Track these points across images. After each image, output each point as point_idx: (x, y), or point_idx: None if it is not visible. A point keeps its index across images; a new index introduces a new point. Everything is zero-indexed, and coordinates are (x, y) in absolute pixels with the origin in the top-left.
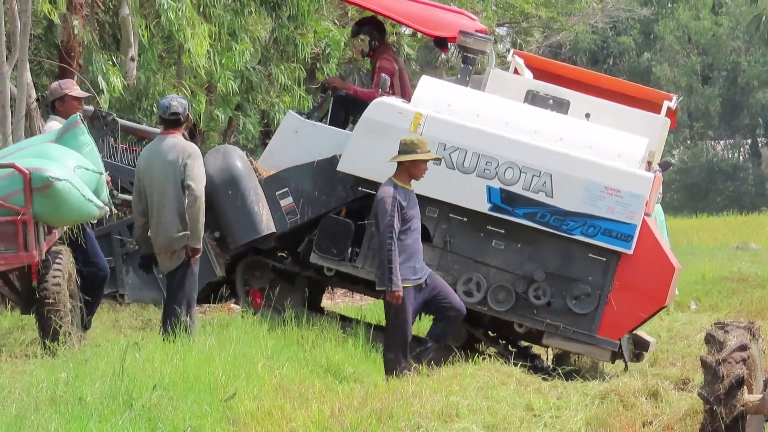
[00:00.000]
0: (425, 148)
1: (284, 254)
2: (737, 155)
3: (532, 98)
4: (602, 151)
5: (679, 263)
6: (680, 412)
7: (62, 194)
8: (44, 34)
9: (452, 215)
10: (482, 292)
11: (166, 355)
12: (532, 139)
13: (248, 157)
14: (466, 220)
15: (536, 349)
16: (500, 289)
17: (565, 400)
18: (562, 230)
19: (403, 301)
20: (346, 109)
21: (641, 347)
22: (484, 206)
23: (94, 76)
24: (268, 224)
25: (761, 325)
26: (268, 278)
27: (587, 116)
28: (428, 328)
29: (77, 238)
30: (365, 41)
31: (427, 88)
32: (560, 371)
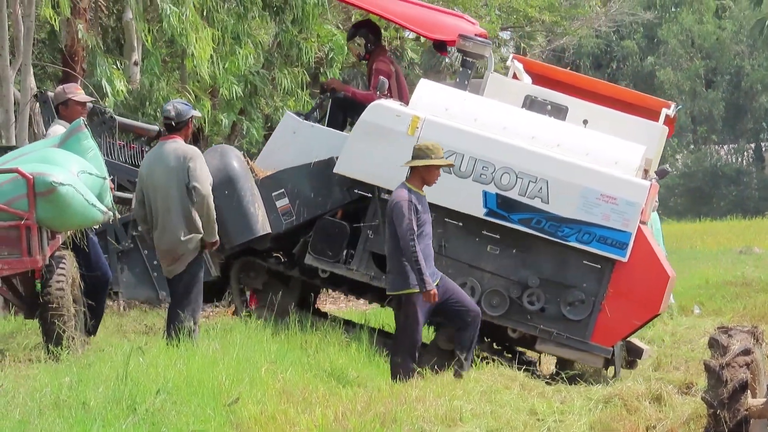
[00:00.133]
0: (439, 153)
1: (279, 255)
2: (741, 159)
3: (530, 103)
4: (599, 158)
5: (673, 271)
6: (684, 416)
7: (66, 199)
8: (47, 38)
9: (448, 219)
10: (476, 296)
11: (169, 359)
12: (529, 144)
13: (245, 157)
14: (461, 224)
15: (533, 355)
16: (494, 294)
17: (568, 404)
18: (557, 236)
19: (413, 306)
20: (344, 111)
21: (634, 354)
22: (479, 211)
23: (98, 80)
24: (263, 225)
25: (765, 329)
26: (262, 279)
27: (585, 123)
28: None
29: (80, 243)
30: (361, 45)
31: (425, 91)
32: (564, 375)
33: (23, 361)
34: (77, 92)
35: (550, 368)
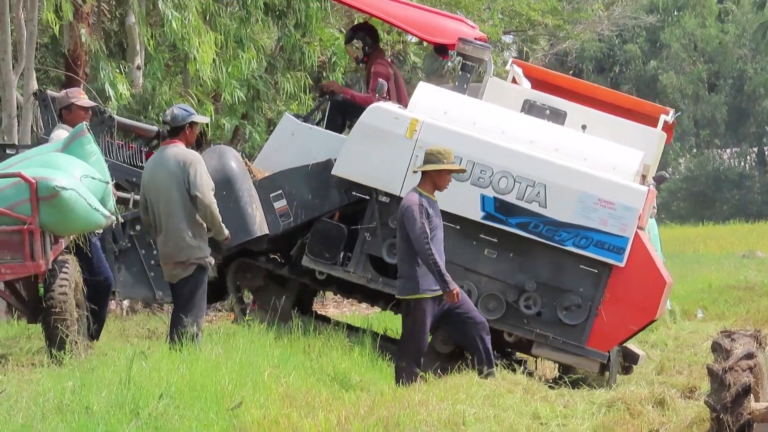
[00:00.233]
0: (450, 158)
1: (276, 257)
2: (743, 163)
3: (529, 108)
4: (597, 163)
5: (670, 277)
6: (687, 420)
7: (69, 203)
8: (50, 42)
9: (445, 223)
10: (473, 300)
11: (172, 364)
12: (527, 148)
13: (243, 158)
14: (458, 227)
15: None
16: (491, 297)
17: (571, 408)
18: (554, 241)
19: (422, 311)
20: (343, 113)
21: (630, 360)
22: (477, 215)
23: (101, 84)
24: (261, 226)
25: None
26: (259, 280)
27: (584, 128)
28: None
29: (83, 247)
30: (359, 47)
31: (424, 94)
32: (567, 379)
33: (26, 365)
34: (80, 97)
35: (553, 372)
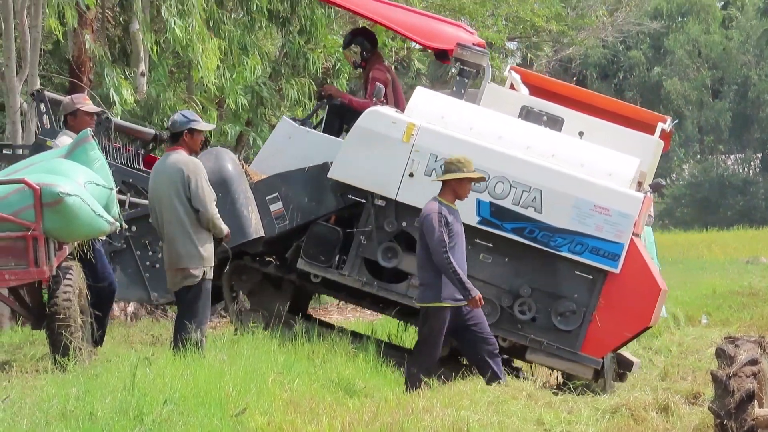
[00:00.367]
0: (470, 167)
1: (272, 259)
2: (748, 169)
3: (526, 114)
4: (593, 169)
5: (665, 284)
6: (691, 426)
7: (73, 210)
8: (54, 49)
9: None
10: None
11: (176, 370)
12: (524, 154)
13: (240, 160)
14: None
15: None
16: (485, 302)
17: (575, 414)
18: (549, 246)
19: (441, 320)
20: (340, 117)
21: (625, 367)
22: (472, 219)
23: (105, 90)
24: (256, 228)
25: None
26: (254, 282)
27: (581, 134)
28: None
29: (87, 253)
30: (357, 52)
31: (421, 98)
32: (571, 386)
33: (30, 371)
34: (86, 103)
35: (557, 379)
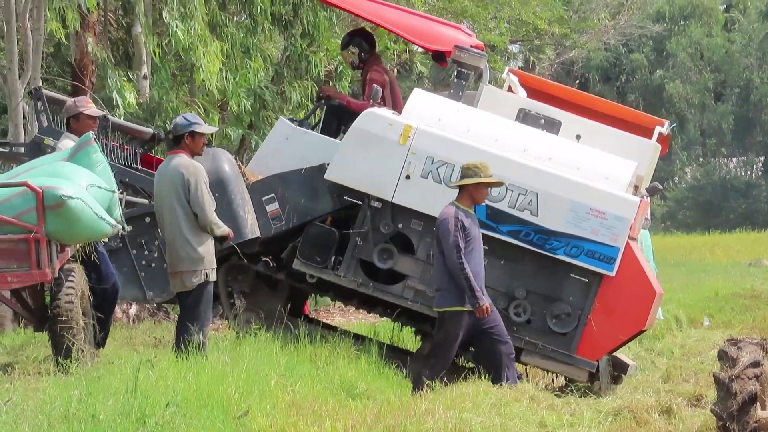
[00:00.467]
0: (488, 172)
1: (268, 259)
2: (750, 172)
3: (523, 117)
4: (590, 172)
5: (660, 288)
6: (693, 428)
7: (75, 212)
8: (56, 52)
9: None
10: None
11: (179, 372)
12: (520, 157)
13: (237, 161)
14: None
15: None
16: None
17: (578, 416)
18: (545, 249)
19: (457, 324)
20: (338, 118)
21: (620, 369)
22: None
23: (108, 92)
24: (252, 228)
25: None
26: (250, 282)
27: (578, 137)
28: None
29: (89, 255)
30: (355, 53)
31: (418, 100)
32: (573, 388)
33: (32, 374)
34: (88, 106)
35: (554, 380)
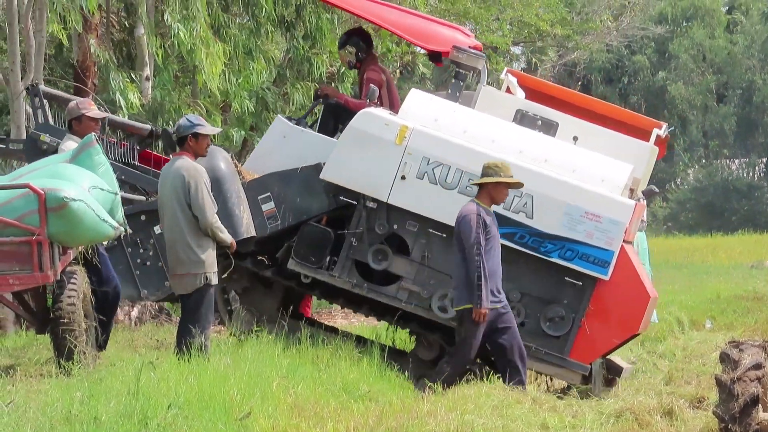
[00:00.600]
0: (508, 172)
1: (263, 259)
2: (752, 174)
3: (520, 118)
4: (585, 175)
5: (655, 291)
6: (695, 430)
7: (77, 214)
8: (58, 53)
9: (432, 230)
10: None
11: (181, 374)
12: (516, 158)
13: (233, 159)
14: (445, 236)
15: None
16: None
17: (580, 418)
18: (539, 252)
19: (476, 322)
20: (336, 117)
21: (614, 372)
22: None
23: (111, 94)
24: (248, 228)
25: None
26: (245, 282)
27: (575, 139)
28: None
29: (91, 258)
30: (352, 53)
31: (415, 101)
32: (575, 390)
33: (35, 375)
34: (91, 108)
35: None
